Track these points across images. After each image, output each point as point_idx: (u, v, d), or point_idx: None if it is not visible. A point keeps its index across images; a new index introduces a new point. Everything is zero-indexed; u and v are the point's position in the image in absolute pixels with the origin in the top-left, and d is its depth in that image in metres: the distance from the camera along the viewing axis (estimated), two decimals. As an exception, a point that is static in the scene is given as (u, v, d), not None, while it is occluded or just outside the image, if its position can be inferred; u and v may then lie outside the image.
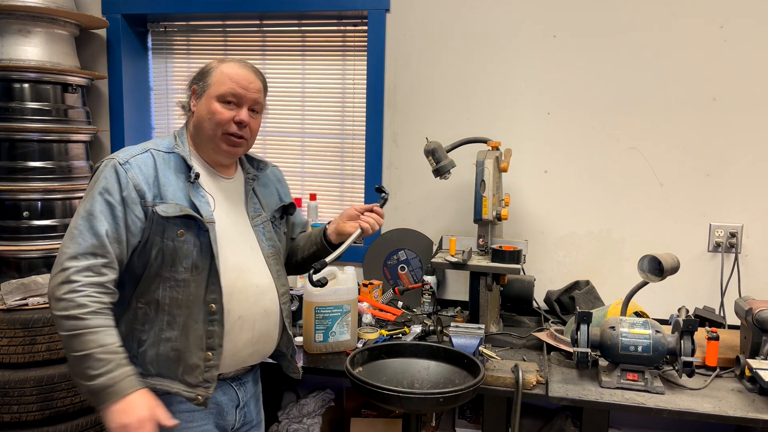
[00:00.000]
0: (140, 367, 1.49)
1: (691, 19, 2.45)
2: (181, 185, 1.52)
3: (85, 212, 1.44)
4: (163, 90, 3.18)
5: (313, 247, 1.82)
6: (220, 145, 1.57)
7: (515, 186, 2.65)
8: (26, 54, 2.60)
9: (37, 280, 2.52)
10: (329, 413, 2.64)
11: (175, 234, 1.48)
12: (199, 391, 1.51)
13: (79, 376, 1.36)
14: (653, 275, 1.94)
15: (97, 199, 1.44)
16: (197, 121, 1.58)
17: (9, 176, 2.59)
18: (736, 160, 2.47)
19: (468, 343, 1.89)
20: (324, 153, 3.01)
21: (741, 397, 1.78)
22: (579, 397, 1.77)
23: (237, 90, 1.55)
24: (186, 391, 1.51)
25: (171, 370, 1.50)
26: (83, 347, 1.35)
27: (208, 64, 1.61)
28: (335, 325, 2.08)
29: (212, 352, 1.51)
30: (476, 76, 2.66)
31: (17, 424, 2.44)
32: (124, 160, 1.49)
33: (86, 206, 1.44)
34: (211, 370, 1.51)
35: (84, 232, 1.41)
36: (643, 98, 2.52)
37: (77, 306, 1.36)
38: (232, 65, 1.58)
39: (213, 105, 1.54)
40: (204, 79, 1.57)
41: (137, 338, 1.51)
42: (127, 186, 1.46)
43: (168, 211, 1.47)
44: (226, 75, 1.55)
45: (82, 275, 1.39)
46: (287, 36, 2.99)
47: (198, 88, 1.58)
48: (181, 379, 1.51)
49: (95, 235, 1.41)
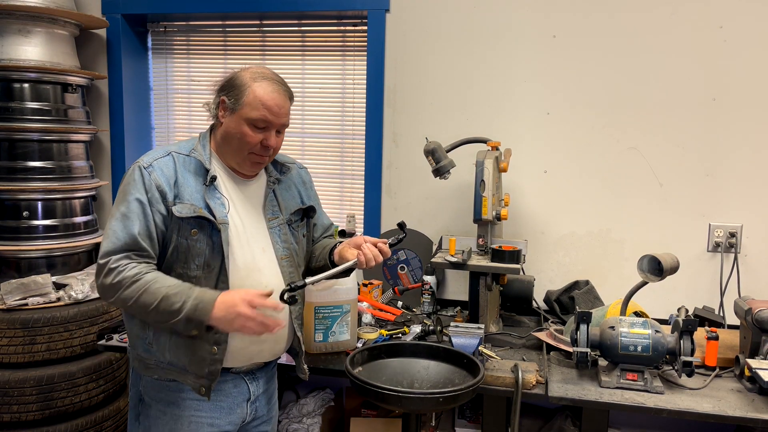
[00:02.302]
0: (154, 355, 1.58)
1: (690, 19, 2.45)
2: (198, 187, 1.59)
3: (119, 214, 1.52)
4: (162, 90, 3.18)
5: (322, 261, 1.82)
6: (245, 162, 1.63)
7: (515, 186, 2.65)
8: (26, 54, 2.60)
9: (37, 280, 2.52)
10: (329, 413, 2.64)
11: (188, 233, 1.55)
12: (203, 382, 1.57)
13: (170, 317, 1.46)
14: (653, 275, 1.94)
15: (128, 201, 1.53)
16: (225, 134, 1.61)
17: (9, 176, 2.59)
18: (736, 160, 2.47)
19: (468, 342, 1.89)
20: (324, 153, 3.01)
21: (740, 397, 1.78)
22: (578, 397, 1.77)
23: (268, 117, 1.57)
24: (193, 381, 1.58)
25: (182, 359, 1.57)
26: (155, 296, 1.46)
27: (239, 76, 1.59)
28: (335, 325, 2.08)
29: (217, 347, 1.57)
30: (476, 76, 2.66)
31: (17, 423, 2.45)
32: (148, 164, 1.56)
33: (120, 209, 1.53)
34: (215, 364, 1.57)
35: (118, 232, 1.50)
36: (642, 98, 2.52)
37: (129, 276, 1.47)
38: (265, 87, 1.57)
39: (243, 128, 1.57)
40: (236, 95, 1.57)
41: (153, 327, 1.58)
42: (150, 187, 1.53)
43: (182, 212, 1.54)
44: (259, 100, 1.56)
45: (121, 262, 1.49)
46: (287, 36, 2.99)
47: (229, 102, 1.58)
48: (190, 370, 1.57)
49: (129, 235, 1.50)
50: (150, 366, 1.60)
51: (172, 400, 1.60)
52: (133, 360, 1.65)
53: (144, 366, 1.61)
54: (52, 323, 2.46)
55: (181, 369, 1.58)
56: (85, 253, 2.83)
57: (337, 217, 3.03)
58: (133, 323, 1.60)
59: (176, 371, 1.58)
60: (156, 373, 1.60)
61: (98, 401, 2.62)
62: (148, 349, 1.59)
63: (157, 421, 1.61)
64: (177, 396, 1.60)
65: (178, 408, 1.60)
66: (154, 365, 1.60)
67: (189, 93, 3.14)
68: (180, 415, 1.60)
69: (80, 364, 2.54)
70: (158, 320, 1.49)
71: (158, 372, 1.60)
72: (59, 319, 2.47)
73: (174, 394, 1.61)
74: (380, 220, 2.82)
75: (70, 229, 2.72)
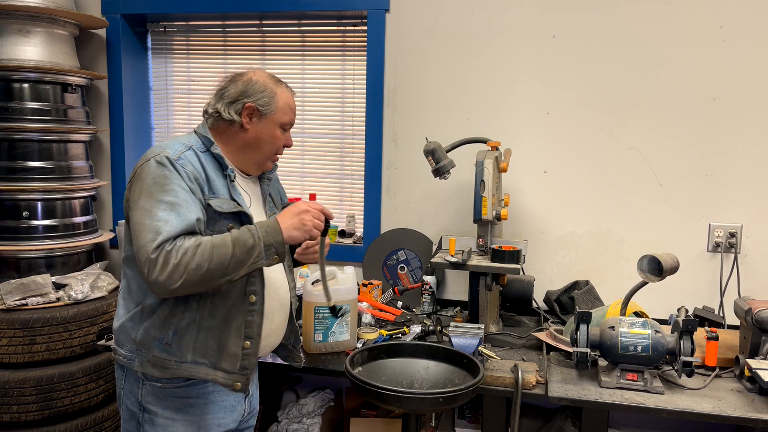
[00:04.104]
0: (175, 355, 1.54)
1: (690, 19, 2.45)
2: (223, 182, 1.59)
3: (165, 205, 1.44)
4: (162, 90, 3.18)
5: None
6: (266, 163, 1.69)
7: (515, 186, 2.65)
8: (26, 54, 2.60)
9: (37, 280, 2.52)
10: (329, 413, 2.64)
11: (225, 228, 1.53)
12: (236, 377, 1.57)
13: (249, 255, 1.45)
14: (653, 275, 1.94)
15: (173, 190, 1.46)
16: (254, 139, 1.63)
17: (9, 176, 2.59)
18: (736, 160, 2.47)
19: (467, 343, 1.89)
20: (324, 153, 3.01)
21: (740, 397, 1.78)
22: (578, 397, 1.77)
23: (293, 120, 1.69)
24: (223, 378, 1.56)
25: (209, 357, 1.55)
26: (226, 246, 1.43)
27: (259, 81, 1.62)
28: (335, 325, 2.08)
29: (250, 341, 1.58)
30: (476, 76, 2.66)
31: (17, 424, 2.45)
32: (176, 156, 1.51)
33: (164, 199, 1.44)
34: (248, 358, 1.58)
35: (172, 220, 1.43)
36: (642, 98, 2.52)
37: (190, 245, 1.41)
38: (286, 91, 1.66)
39: (275, 131, 1.64)
40: (266, 100, 1.61)
41: (174, 326, 1.54)
42: (189, 178, 1.50)
43: (223, 207, 1.54)
44: (287, 105, 1.65)
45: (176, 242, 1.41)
46: (287, 36, 2.99)
47: (259, 108, 1.61)
48: (219, 367, 1.56)
49: (187, 222, 1.44)
50: (169, 367, 1.54)
51: (179, 407, 1.58)
52: (141, 364, 1.56)
53: (160, 368, 1.54)
54: (51, 323, 2.46)
55: (210, 366, 1.55)
56: (85, 253, 2.82)
57: (337, 217, 3.03)
58: (150, 323, 1.53)
59: (202, 369, 1.55)
60: (175, 374, 1.54)
61: (98, 401, 2.62)
62: (166, 350, 1.53)
63: (167, 429, 1.58)
64: (184, 402, 1.58)
65: (186, 414, 1.58)
66: (174, 365, 1.54)
67: (189, 93, 3.14)
68: (189, 420, 1.59)
69: (80, 364, 2.54)
70: (237, 266, 1.44)
71: (179, 372, 1.54)
72: (59, 320, 2.47)
73: (181, 400, 1.58)
74: (380, 220, 2.82)
75: (69, 229, 2.72)
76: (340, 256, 2.79)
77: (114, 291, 2.72)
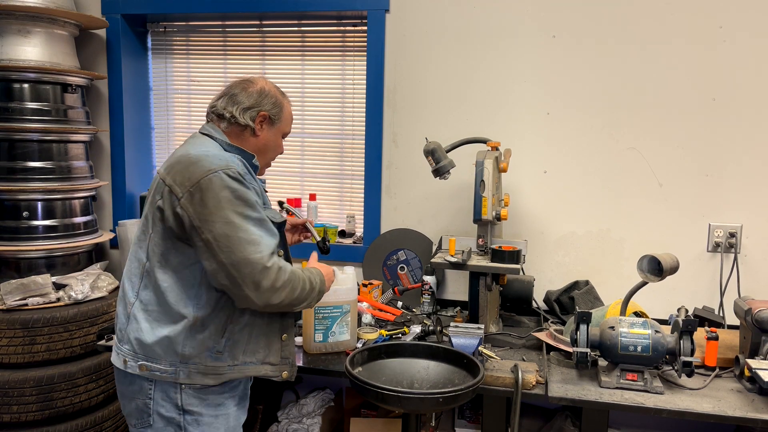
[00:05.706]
0: (226, 361, 1.61)
1: (690, 19, 2.45)
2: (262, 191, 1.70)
3: (253, 221, 1.54)
4: (162, 90, 3.18)
5: None
6: (264, 168, 1.81)
7: (515, 186, 2.65)
8: (26, 54, 2.60)
9: (37, 281, 2.52)
10: (329, 413, 2.64)
11: None
12: (280, 368, 1.70)
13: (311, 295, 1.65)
14: (653, 275, 1.94)
15: (254, 205, 1.56)
16: (263, 146, 1.74)
17: (9, 176, 2.59)
18: (736, 160, 2.47)
19: (467, 343, 1.89)
20: (323, 153, 3.01)
21: (740, 397, 1.78)
22: (578, 397, 1.77)
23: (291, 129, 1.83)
24: (271, 370, 1.69)
25: (257, 355, 1.66)
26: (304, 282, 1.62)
27: (270, 92, 1.73)
28: (335, 325, 2.08)
29: (286, 334, 1.71)
30: (476, 77, 2.66)
31: (17, 424, 2.45)
32: (243, 171, 1.59)
33: (251, 215, 1.54)
34: (287, 348, 1.71)
35: (265, 237, 1.55)
36: (642, 98, 2.52)
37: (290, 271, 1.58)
38: (289, 105, 1.79)
39: (279, 139, 1.79)
40: (277, 110, 1.73)
41: (229, 332, 1.61)
42: (256, 194, 1.61)
43: (276, 217, 1.65)
44: (290, 116, 1.80)
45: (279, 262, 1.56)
46: (287, 36, 2.99)
47: (272, 117, 1.72)
48: (266, 362, 1.68)
49: (274, 235, 1.59)
50: (222, 373, 1.61)
51: (219, 402, 1.65)
52: (188, 376, 1.58)
53: (213, 375, 1.60)
54: (51, 323, 2.46)
55: (258, 363, 1.66)
56: (85, 253, 2.82)
57: (337, 217, 3.03)
58: (206, 335, 1.58)
59: (252, 367, 1.65)
60: (227, 378, 1.62)
61: (98, 401, 2.62)
62: (217, 358, 1.60)
63: (212, 426, 1.64)
64: (221, 397, 1.65)
65: (224, 407, 1.67)
66: (227, 371, 1.62)
67: (189, 93, 3.14)
68: (227, 414, 1.67)
69: (80, 364, 2.54)
70: (310, 301, 1.65)
71: (230, 375, 1.62)
72: (59, 320, 2.47)
73: (218, 396, 1.65)
74: (380, 220, 2.82)
75: (69, 229, 2.72)
76: (340, 256, 2.80)
77: (114, 291, 2.72)
